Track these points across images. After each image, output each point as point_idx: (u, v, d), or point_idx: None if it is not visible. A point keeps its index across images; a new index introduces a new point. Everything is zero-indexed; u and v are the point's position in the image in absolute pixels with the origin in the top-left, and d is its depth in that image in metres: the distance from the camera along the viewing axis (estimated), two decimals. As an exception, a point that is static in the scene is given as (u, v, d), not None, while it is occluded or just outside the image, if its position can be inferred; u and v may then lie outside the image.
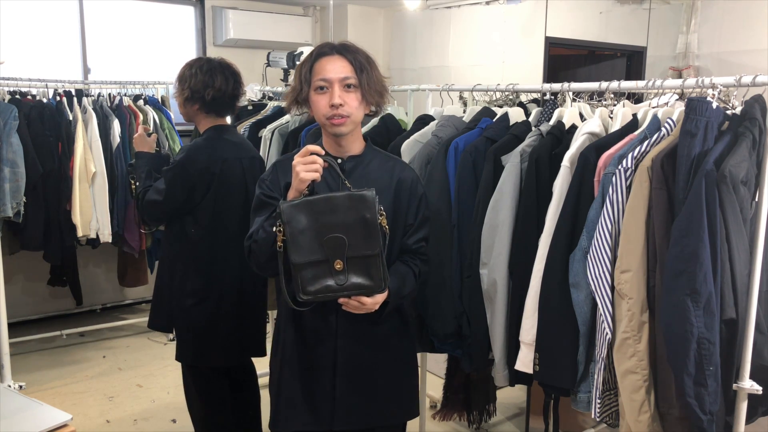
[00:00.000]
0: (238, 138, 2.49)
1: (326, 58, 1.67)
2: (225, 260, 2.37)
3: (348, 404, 1.72)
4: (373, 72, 1.69)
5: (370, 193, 1.54)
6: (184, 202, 2.31)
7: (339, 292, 1.55)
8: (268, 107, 3.65)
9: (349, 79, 1.64)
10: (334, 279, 1.54)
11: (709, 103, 1.72)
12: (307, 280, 1.54)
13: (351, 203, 1.53)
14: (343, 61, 1.65)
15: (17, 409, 1.63)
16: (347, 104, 1.64)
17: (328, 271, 1.54)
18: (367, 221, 1.53)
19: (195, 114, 2.39)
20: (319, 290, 1.55)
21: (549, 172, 2.05)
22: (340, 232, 1.52)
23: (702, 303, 1.63)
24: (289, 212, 1.52)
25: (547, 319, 1.96)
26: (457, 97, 2.82)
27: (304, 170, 1.54)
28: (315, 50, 1.70)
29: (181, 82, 2.35)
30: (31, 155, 3.39)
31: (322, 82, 1.64)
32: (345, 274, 1.54)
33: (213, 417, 2.51)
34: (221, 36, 5.06)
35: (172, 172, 2.30)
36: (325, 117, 1.66)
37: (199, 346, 2.39)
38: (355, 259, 1.54)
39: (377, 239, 1.53)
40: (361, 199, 1.53)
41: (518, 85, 2.49)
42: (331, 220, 1.52)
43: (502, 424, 3.18)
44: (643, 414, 1.78)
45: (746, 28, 4.27)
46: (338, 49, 1.68)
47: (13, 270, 4.10)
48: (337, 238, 1.53)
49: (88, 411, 3.27)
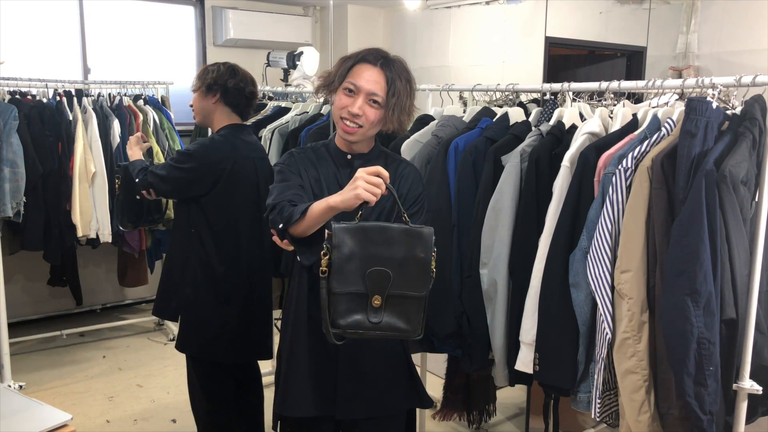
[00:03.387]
0: (252, 138, 2.50)
1: (367, 66, 1.65)
2: (235, 257, 2.37)
3: (350, 393, 1.73)
4: (405, 99, 1.66)
5: (428, 231, 1.45)
6: (184, 187, 2.32)
7: (371, 330, 1.45)
8: (268, 107, 3.66)
9: (377, 97, 1.63)
10: (367, 315, 1.44)
11: (709, 103, 1.72)
12: (339, 312, 1.44)
13: (406, 238, 1.43)
14: (380, 77, 1.64)
15: (17, 409, 1.63)
16: (365, 116, 1.64)
17: (363, 306, 1.44)
18: (419, 261, 1.43)
19: (213, 108, 2.38)
20: (350, 324, 1.45)
21: (549, 172, 2.05)
22: (387, 267, 1.42)
23: (702, 303, 1.63)
24: (339, 236, 1.42)
25: (547, 319, 1.96)
26: (457, 97, 2.82)
27: (366, 189, 1.42)
28: (364, 52, 1.67)
29: (201, 76, 2.38)
30: (31, 155, 3.39)
31: (352, 86, 1.64)
32: (380, 312, 1.44)
33: (216, 415, 2.51)
34: (221, 36, 5.06)
35: (183, 154, 2.32)
36: (339, 117, 1.67)
37: (204, 338, 2.39)
38: (395, 298, 1.44)
39: (427, 281, 1.44)
40: (418, 235, 1.44)
41: (518, 85, 2.49)
42: (381, 253, 1.42)
43: (502, 424, 3.18)
44: (643, 414, 1.78)
45: (746, 28, 4.26)
46: (384, 62, 1.65)
47: (13, 270, 4.10)
48: (382, 272, 1.42)
49: (88, 411, 3.26)
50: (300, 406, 1.76)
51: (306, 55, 4.01)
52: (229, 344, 2.40)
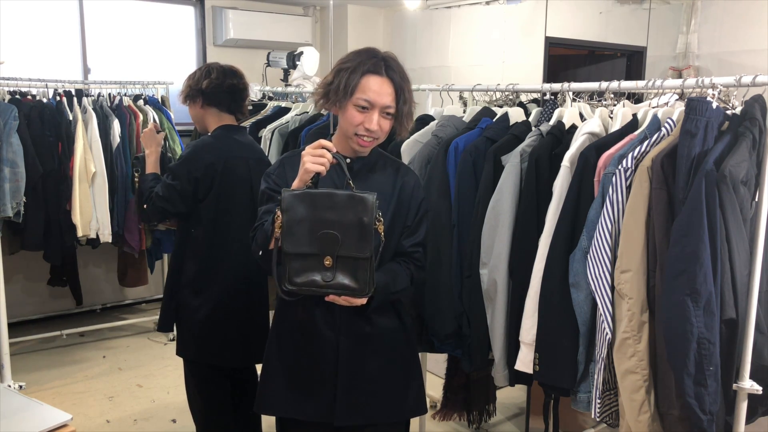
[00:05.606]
0: (247, 139, 2.49)
1: (376, 78, 1.65)
2: (229, 259, 2.37)
3: (349, 400, 1.72)
4: (411, 104, 1.71)
5: (371, 197, 1.54)
6: (191, 197, 2.33)
7: (324, 288, 1.56)
8: (268, 107, 3.66)
9: (390, 109, 1.66)
10: (321, 274, 1.55)
11: (709, 103, 1.72)
12: (295, 270, 1.55)
13: (351, 203, 1.53)
14: (390, 87, 1.66)
15: (17, 409, 1.63)
16: (381, 129, 1.67)
17: (316, 265, 1.55)
18: (364, 224, 1.53)
19: (202, 114, 2.41)
20: (305, 283, 1.56)
21: (549, 172, 2.05)
22: (335, 230, 1.53)
23: (702, 303, 1.63)
24: (289, 201, 1.53)
25: (547, 319, 1.96)
26: (457, 97, 2.82)
27: (311, 161, 1.55)
28: (365, 61, 1.65)
29: (183, 86, 2.41)
30: (31, 155, 3.39)
31: (366, 102, 1.64)
32: (333, 271, 1.55)
33: (213, 417, 2.51)
34: (221, 36, 5.06)
35: (178, 166, 2.32)
36: (354, 133, 1.67)
37: (202, 342, 2.39)
38: (345, 259, 1.54)
39: (370, 243, 1.54)
40: (362, 201, 1.53)
41: (518, 85, 2.49)
42: (329, 216, 1.53)
43: (502, 424, 3.18)
44: (643, 414, 1.78)
45: (746, 28, 4.26)
46: (386, 69, 1.66)
47: (13, 270, 4.11)
48: (331, 235, 1.53)
49: (88, 411, 3.27)
50: (272, 405, 1.78)
51: (306, 55, 4.02)
52: (226, 348, 2.40)
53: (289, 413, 1.77)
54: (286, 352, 1.78)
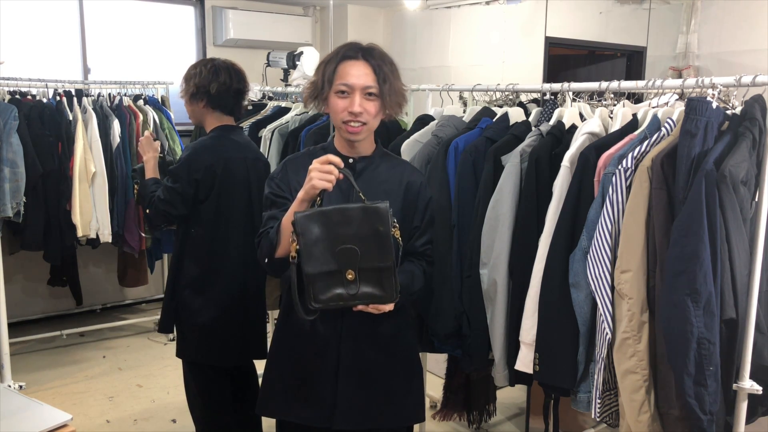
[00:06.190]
0: (244, 139, 2.50)
1: (351, 63, 1.65)
2: (228, 259, 2.37)
3: (349, 405, 1.72)
4: (395, 82, 1.69)
5: (384, 206, 1.52)
6: (192, 198, 2.33)
7: (349, 300, 1.55)
8: (268, 107, 3.66)
9: (371, 89, 1.65)
10: (345, 288, 1.54)
11: (709, 103, 1.72)
12: (318, 289, 1.54)
13: (365, 215, 1.51)
14: (367, 69, 1.65)
15: (17, 409, 1.63)
16: (366, 112, 1.65)
17: (339, 281, 1.53)
18: (381, 234, 1.51)
19: (202, 113, 2.40)
20: (330, 298, 1.54)
21: (549, 172, 2.05)
22: (353, 244, 1.51)
23: (702, 303, 1.62)
24: (302, 223, 1.51)
25: (547, 319, 1.96)
26: (457, 97, 2.82)
27: (318, 178, 1.52)
28: (341, 51, 1.68)
29: (186, 80, 2.38)
30: (31, 155, 3.39)
31: (344, 87, 1.64)
32: (356, 284, 1.53)
33: (214, 417, 2.51)
34: (221, 36, 5.06)
35: (178, 169, 2.32)
36: (342, 121, 1.66)
37: (201, 343, 2.39)
38: (367, 271, 1.53)
39: (390, 251, 1.52)
40: (375, 212, 1.51)
41: (518, 85, 2.49)
42: (345, 231, 1.51)
43: (502, 424, 3.18)
44: (643, 414, 1.78)
45: (746, 28, 4.26)
46: (364, 53, 1.67)
47: (13, 270, 4.10)
48: (349, 249, 1.52)
49: (88, 411, 3.27)
50: (273, 408, 1.78)
51: (306, 55, 4.01)
52: (226, 348, 2.40)
53: (290, 416, 1.76)
54: (288, 355, 1.78)
